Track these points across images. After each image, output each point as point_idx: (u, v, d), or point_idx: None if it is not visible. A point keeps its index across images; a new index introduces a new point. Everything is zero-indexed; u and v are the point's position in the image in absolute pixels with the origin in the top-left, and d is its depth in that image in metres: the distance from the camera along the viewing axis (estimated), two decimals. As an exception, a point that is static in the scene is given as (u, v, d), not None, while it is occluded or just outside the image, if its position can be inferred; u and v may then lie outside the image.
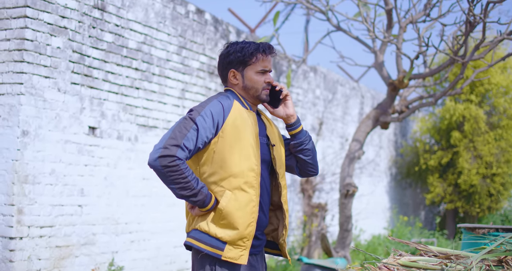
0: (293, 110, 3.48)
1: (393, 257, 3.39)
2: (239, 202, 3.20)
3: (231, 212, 3.18)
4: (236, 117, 3.26)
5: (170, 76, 8.20)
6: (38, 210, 6.34)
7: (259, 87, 3.36)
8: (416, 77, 8.53)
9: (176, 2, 8.35)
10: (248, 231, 3.21)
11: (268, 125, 3.48)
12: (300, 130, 3.49)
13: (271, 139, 3.42)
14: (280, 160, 3.44)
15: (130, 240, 7.52)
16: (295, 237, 11.22)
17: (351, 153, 8.79)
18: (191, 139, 3.14)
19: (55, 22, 6.54)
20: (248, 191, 3.21)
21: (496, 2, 7.16)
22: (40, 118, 6.36)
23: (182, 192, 3.13)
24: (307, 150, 3.51)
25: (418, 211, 18.04)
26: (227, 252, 3.19)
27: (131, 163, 7.54)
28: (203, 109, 3.21)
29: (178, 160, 3.08)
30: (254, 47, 3.36)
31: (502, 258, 3.26)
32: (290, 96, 3.48)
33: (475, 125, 14.68)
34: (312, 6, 9.17)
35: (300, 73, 11.68)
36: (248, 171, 3.22)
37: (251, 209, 3.22)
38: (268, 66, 3.37)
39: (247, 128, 3.27)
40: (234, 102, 3.32)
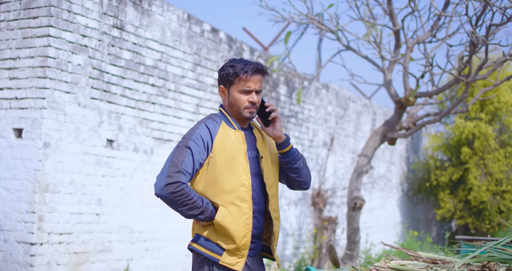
0: (280, 132, 3.66)
1: (384, 261, 3.68)
2: (233, 216, 3.49)
3: (226, 225, 3.48)
4: (223, 138, 3.54)
5: (185, 92, 8.54)
6: (57, 217, 6.67)
7: (241, 106, 3.57)
8: (423, 95, 8.81)
9: (192, 22, 8.71)
10: (243, 242, 3.51)
11: (259, 139, 3.72)
12: (288, 150, 3.68)
13: (260, 151, 3.66)
14: (269, 171, 3.68)
15: (145, 248, 7.83)
16: (306, 249, 11.47)
17: (359, 167, 9.07)
18: (189, 163, 3.43)
19: (76, 41, 6.91)
20: (240, 205, 3.50)
21: (498, 25, 7.43)
22: (61, 131, 6.71)
23: (191, 212, 3.43)
24: (294, 169, 3.72)
25: (430, 227, 18.20)
26: (225, 257, 3.50)
27: (146, 174, 7.86)
28: (193, 135, 3.50)
29: (182, 184, 3.38)
30: (240, 68, 3.55)
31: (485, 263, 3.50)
32: (279, 119, 3.66)
33: (485, 143, 14.88)
34: (323, 26, 9.49)
35: (312, 90, 11.99)
36: (239, 186, 3.51)
37: (244, 222, 3.50)
38: (252, 86, 3.55)
39: (234, 147, 3.53)
40: (222, 124, 3.60)
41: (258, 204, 3.61)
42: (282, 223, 10.77)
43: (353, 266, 3.52)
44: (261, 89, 3.63)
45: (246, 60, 3.64)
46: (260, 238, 3.70)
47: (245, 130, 3.70)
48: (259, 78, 3.59)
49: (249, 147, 3.65)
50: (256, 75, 3.58)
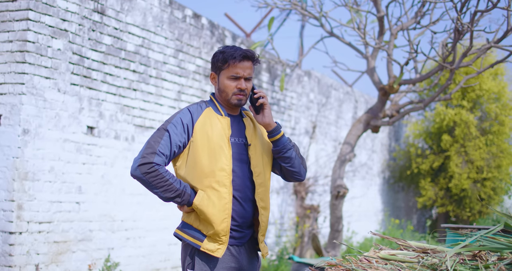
0: (269, 119, 3.63)
1: (374, 250, 3.61)
2: (211, 200, 3.45)
3: (204, 209, 3.44)
4: (205, 122, 3.52)
5: (166, 79, 8.42)
6: (37, 206, 6.55)
7: (229, 92, 3.55)
8: (406, 82, 8.75)
9: (174, 7, 8.57)
10: (222, 227, 3.46)
11: (250, 127, 3.68)
12: (279, 138, 3.64)
13: (249, 139, 3.62)
14: (257, 159, 3.62)
15: (126, 237, 7.72)
16: (288, 238, 11.43)
17: (342, 155, 9.01)
18: (165, 145, 3.42)
19: (56, 25, 6.75)
20: (219, 189, 3.46)
21: (484, 11, 7.37)
22: (40, 117, 6.56)
23: (167, 195, 3.40)
24: (286, 158, 3.66)
25: (411, 215, 18.26)
26: (205, 244, 3.46)
27: (127, 162, 7.74)
28: (173, 118, 3.50)
29: (156, 165, 3.37)
30: (230, 54, 3.54)
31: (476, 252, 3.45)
32: (267, 105, 3.63)
33: (466, 131, 14.91)
34: (306, 12, 9.39)
35: (294, 77, 11.90)
36: (218, 170, 3.47)
37: (223, 206, 3.46)
38: (240, 73, 3.53)
39: (216, 132, 3.51)
40: (206, 109, 3.58)
41: (242, 191, 3.56)
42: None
43: (343, 256, 3.45)
44: (250, 77, 3.60)
45: (237, 47, 3.61)
46: (249, 228, 3.63)
47: (234, 118, 3.67)
48: (248, 65, 3.57)
49: (236, 133, 3.61)
50: (245, 61, 3.56)
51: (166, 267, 8.33)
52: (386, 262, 3.42)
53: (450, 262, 3.26)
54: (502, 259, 3.30)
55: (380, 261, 3.44)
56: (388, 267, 3.31)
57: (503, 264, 3.20)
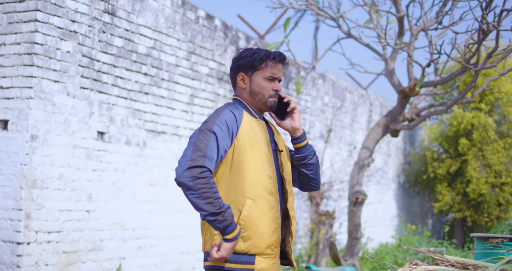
0: (299, 124, 3.42)
1: (409, 266, 3.32)
2: (261, 209, 3.11)
3: (255, 220, 3.09)
4: (248, 126, 3.20)
5: (179, 82, 8.15)
6: (45, 215, 6.29)
7: (266, 94, 3.30)
8: (428, 85, 8.45)
9: (186, 8, 8.31)
10: (274, 238, 3.13)
11: (275, 133, 3.44)
12: (305, 144, 3.42)
13: (279, 145, 3.37)
14: (287, 166, 3.37)
15: (138, 246, 7.46)
16: (303, 245, 11.14)
17: (361, 160, 8.71)
18: (214, 148, 3.02)
19: (65, 26, 6.50)
20: (268, 197, 3.14)
21: (510, 10, 7.07)
22: (49, 122, 6.31)
23: (210, 208, 2.91)
24: (310, 165, 3.44)
25: (426, 220, 17.94)
26: (258, 263, 3.09)
27: (139, 168, 7.49)
28: (217, 119, 3.11)
29: (207, 172, 2.94)
30: (265, 53, 3.32)
31: (520, 268, 3.18)
32: (297, 110, 3.43)
33: (484, 134, 14.59)
34: (322, 13, 9.11)
35: (308, 80, 11.63)
36: (266, 177, 3.14)
37: (273, 215, 3.14)
38: (277, 74, 3.31)
39: (259, 136, 3.22)
40: (244, 111, 3.26)
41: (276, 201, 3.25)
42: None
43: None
44: (281, 79, 3.39)
45: (264, 49, 3.40)
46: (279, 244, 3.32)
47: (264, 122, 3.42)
48: (281, 68, 3.37)
49: (270, 138, 3.36)
50: (281, 63, 3.37)
51: (179, 276, 8.07)
52: (425, 280, 3.14)
53: (496, 280, 3.01)
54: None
55: (418, 278, 3.16)
56: (428, 286, 3.03)
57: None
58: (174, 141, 8.05)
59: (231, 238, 2.95)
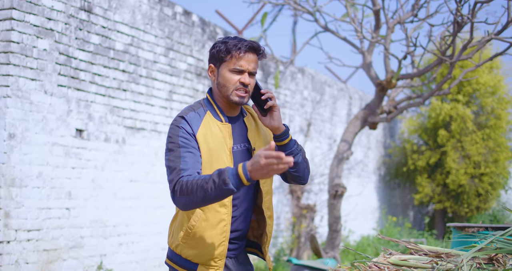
0: (279, 122, 3.18)
1: (383, 256, 3.37)
2: (210, 222, 3.09)
3: (200, 232, 3.10)
4: (206, 133, 3.11)
5: (157, 78, 8.17)
6: (25, 213, 6.29)
7: (230, 87, 3.13)
8: (404, 77, 8.53)
9: (163, 4, 8.32)
10: (219, 251, 3.12)
11: (252, 127, 3.31)
12: (287, 143, 3.22)
13: (253, 142, 3.26)
14: None
15: (119, 242, 7.47)
16: (284, 239, 11.20)
17: (340, 153, 8.78)
18: (188, 157, 3.00)
19: (42, 24, 6.50)
20: (219, 210, 3.09)
21: (484, 2, 7.16)
22: (26, 121, 6.31)
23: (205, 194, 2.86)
24: (294, 163, 3.25)
25: (407, 212, 18.08)
26: None
27: (118, 165, 7.50)
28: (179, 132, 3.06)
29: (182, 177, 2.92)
30: (233, 44, 3.14)
31: (492, 256, 3.24)
32: (277, 108, 3.21)
33: (463, 125, 14.73)
34: (299, 7, 9.15)
35: (287, 74, 11.67)
36: None
37: (221, 229, 3.11)
38: (244, 66, 3.13)
39: (217, 143, 3.12)
40: (206, 115, 3.17)
41: (243, 203, 3.22)
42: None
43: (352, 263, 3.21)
44: (255, 72, 3.19)
45: (241, 38, 3.21)
46: (244, 239, 3.31)
47: (234, 120, 3.27)
48: (253, 58, 3.16)
49: (237, 139, 3.22)
50: (250, 54, 3.15)
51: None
52: (398, 269, 3.20)
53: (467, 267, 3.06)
54: (521, 263, 3.11)
55: (391, 267, 3.21)
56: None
57: (524, 268, 3.00)
58: (153, 137, 8.06)
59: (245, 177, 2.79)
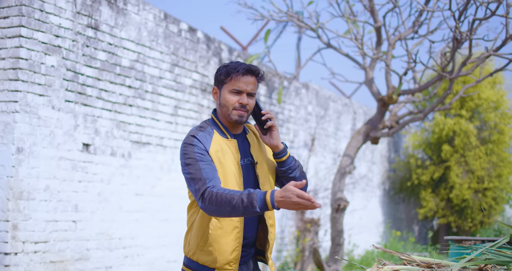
0: (277, 141, 3.49)
1: (377, 266, 3.50)
2: (224, 230, 3.34)
3: (217, 239, 3.34)
4: (217, 149, 3.36)
5: (163, 94, 8.33)
6: (32, 225, 6.43)
7: (230, 107, 3.39)
8: (405, 93, 8.67)
9: (169, 21, 8.49)
10: (233, 256, 3.37)
11: (254, 143, 3.57)
12: (285, 160, 3.53)
13: (255, 157, 3.51)
14: (265, 177, 3.52)
15: (124, 255, 7.60)
16: (288, 252, 11.30)
17: (342, 167, 8.90)
18: (207, 167, 3.24)
19: (49, 41, 6.67)
20: (233, 218, 3.33)
21: (482, 19, 7.30)
22: (34, 135, 6.46)
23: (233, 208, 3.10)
24: (291, 178, 3.55)
25: (412, 226, 18.13)
26: None
27: (124, 179, 7.64)
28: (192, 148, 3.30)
29: (210, 188, 3.15)
30: (233, 67, 3.41)
31: (482, 266, 3.35)
32: (276, 128, 3.50)
33: (466, 140, 14.83)
34: (302, 24, 9.32)
35: (292, 90, 11.82)
36: None
37: (235, 235, 3.36)
38: (242, 87, 3.39)
39: (228, 158, 3.37)
40: (214, 134, 3.41)
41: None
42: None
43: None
44: (254, 93, 3.45)
45: (241, 62, 3.48)
46: (253, 246, 3.55)
47: (238, 137, 3.54)
48: (251, 80, 3.42)
49: (242, 154, 3.49)
50: (248, 76, 3.41)
51: (166, 285, 8.21)
52: (390, 279, 3.32)
53: (457, 278, 3.17)
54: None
55: (384, 277, 3.34)
56: (393, 283, 3.20)
57: (511, 278, 3.11)
58: (159, 152, 8.21)
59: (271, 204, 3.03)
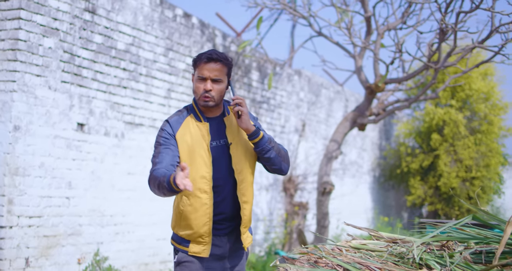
0: (246, 125, 3.71)
1: (346, 240, 3.76)
2: (194, 206, 3.68)
3: (187, 215, 3.70)
4: (184, 132, 3.70)
5: (156, 77, 8.56)
6: (27, 200, 6.69)
7: (198, 93, 3.70)
8: (392, 81, 8.91)
9: (164, 6, 8.72)
10: (204, 230, 3.70)
11: (231, 125, 3.81)
12: (257, 141, 3.75)
13: (231, 138, 3.77)
14: (239, 157, 3.78)
15: (115, 231, 7.87)
16: (277, 234, 11.57)
17: (329, 152, 9.16)
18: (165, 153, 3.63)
19: (48, 24, 6.90)
20: (201, 196, 3.67)
21: (467, 12, 7.53)
22: (31, 114, 6.71)
23: (157, 186, 3.49)
24: (265, 158, 3.80)
25: (401, 213, 18.42)
26: (192, 248, 3.73)
27: (117, 158, 7.89)
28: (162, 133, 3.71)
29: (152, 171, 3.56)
30: (198, 56, 3.69)
31: (444, 243, 3.59)
32: (244, 112, 3.71)
33: (456, 130, 15.08)
34: (295, 12, 9.54)
35: (284, 76, 12.06)
36: (199, 178, 3.66)
37: (204, 211, 3.68)
38: (205, 74, 3.65)
39: (196, 140, 3.69)
40: (187, 118, 3.76)
41: (223, 190, 3.76)
42: (253, 208, 10.84)
43: (315, 245, 3.60)
44: (218, 79, 3.69)
45: (211, 50, 3.74)
46: (232, 220, 3.84)
47: (214, 120, 3.80)
48: (215, 67, 3.67)
49: (216, 136, 3.76)
50: (211, 63, 3.66)
51: (155, 261, 8.47)
52: (356, 251, 3.58)
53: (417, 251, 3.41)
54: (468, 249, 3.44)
55: (351, 250, 3.60)
56: (357, 255, 3.46)
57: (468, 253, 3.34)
58: (151, 133, 8.46)
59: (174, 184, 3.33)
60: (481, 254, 3.36)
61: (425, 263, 3.30)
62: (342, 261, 3.30)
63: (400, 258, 3.39)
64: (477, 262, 3.30)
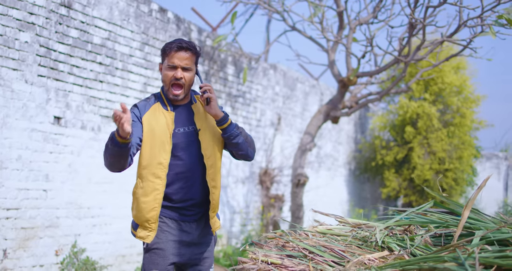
0: (215, 111, 3.83)
1: (313, 226, 3.93)
2: (144, 190, 3.78)
3: (137, 197, 3.80)
4: (150, 119, 3.79)
5: (132, 71, 8.67)
6: (4, 193, 6.77)
7: (167, 82, 3.80)
8: (364, 75, 9.10)
9: (140, 1, 8.82)
10: (150, 215, 3.77)
11: (199, 112, 3.92)
12: (225, 127, 3.87)
13: (199, 124, 3.88)
14: (207, 143, 3.89)
15: (92, 224, 7.98)
16: (253, 226, 11.73)
17: (303, 145, 9.33)
18: None
19: (24, 18, 6.98)
20: (154, 180, 3.77)
21: (435, 7, 7.73)
22: (7, 107, 6.79)
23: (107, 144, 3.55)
24: (233, 144, 3.91)
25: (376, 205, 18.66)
26: (139, 232, 3.82)
27: (94, 151, 7.99)
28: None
29: None
30: (168, 45, 3.77)
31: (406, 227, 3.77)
32: (213, 98, 3.82)
33: (429, 123, 15.34)
34: (269, 7, 9.68)
35: (260, 70, 12.21)
36: (156, 164, 3.76)
37: (154, 197, 3.77)
38: (176, 62, 3.73)
39: (159, 128, 3.78)
40: (154, 105, 3.84)
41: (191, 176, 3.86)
42: (229, 201, 11.00)
43: (282, 230, 3.75)
44: (188, 67, 3.79)
45: (179, 39, 3.82)
46: (201, 206, 3.94)
47: (182, 107, 3.90)
48: (185, 56, 3.77)
49: (184, 123, 3.87)
50: (182, 52, 3.75)
51: (132, 253, 8.60)
52: (322, 236, 3.74)
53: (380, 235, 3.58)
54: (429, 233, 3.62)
55: (317, 234, 3.76)
56: (323, 239, 3.62)
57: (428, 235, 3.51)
58: (127, 126, 8.55)
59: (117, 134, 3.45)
60: (441, 237, 3.53)
61: (387, 246, 3.47)
62: (308, 244, 3.46)
63: (363, 241, 3.56)
64: (437, 244, 3.46)
